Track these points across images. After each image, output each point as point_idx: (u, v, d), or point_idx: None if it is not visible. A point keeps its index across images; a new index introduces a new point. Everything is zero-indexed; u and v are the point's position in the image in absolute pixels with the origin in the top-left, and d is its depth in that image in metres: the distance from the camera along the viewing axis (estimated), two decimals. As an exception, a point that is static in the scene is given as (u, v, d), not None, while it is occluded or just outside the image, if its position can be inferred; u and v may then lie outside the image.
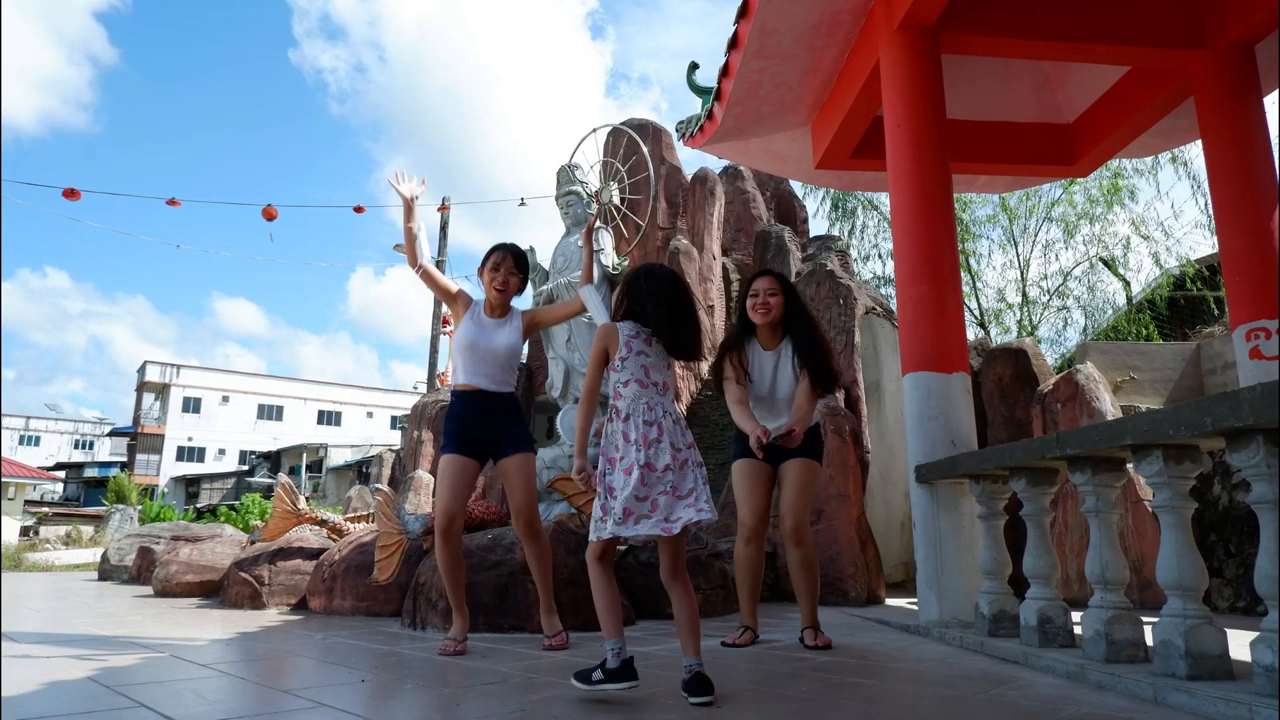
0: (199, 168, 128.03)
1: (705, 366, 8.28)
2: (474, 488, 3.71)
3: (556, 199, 8.69)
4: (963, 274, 12.58)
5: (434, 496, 9.74)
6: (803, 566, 3.55)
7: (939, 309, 4.24)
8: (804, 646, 3.45)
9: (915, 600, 4.32)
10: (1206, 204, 12.18)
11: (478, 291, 3.97)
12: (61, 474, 44.66)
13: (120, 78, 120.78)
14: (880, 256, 14.30)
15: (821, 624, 3.61)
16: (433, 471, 10.24)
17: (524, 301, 9.37)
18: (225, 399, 47.40)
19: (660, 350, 2.66)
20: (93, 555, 15.49)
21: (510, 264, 3.72)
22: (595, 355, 2.66)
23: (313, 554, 5.89)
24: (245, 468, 42.19)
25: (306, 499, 7.21)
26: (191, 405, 46.45)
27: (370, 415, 50.11)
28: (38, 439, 53.87)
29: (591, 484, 2.57)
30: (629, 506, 2.41)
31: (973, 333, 12.72)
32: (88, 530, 22.70)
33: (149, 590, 7.25)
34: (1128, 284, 13.20)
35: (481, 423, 3.64)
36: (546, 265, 8.47)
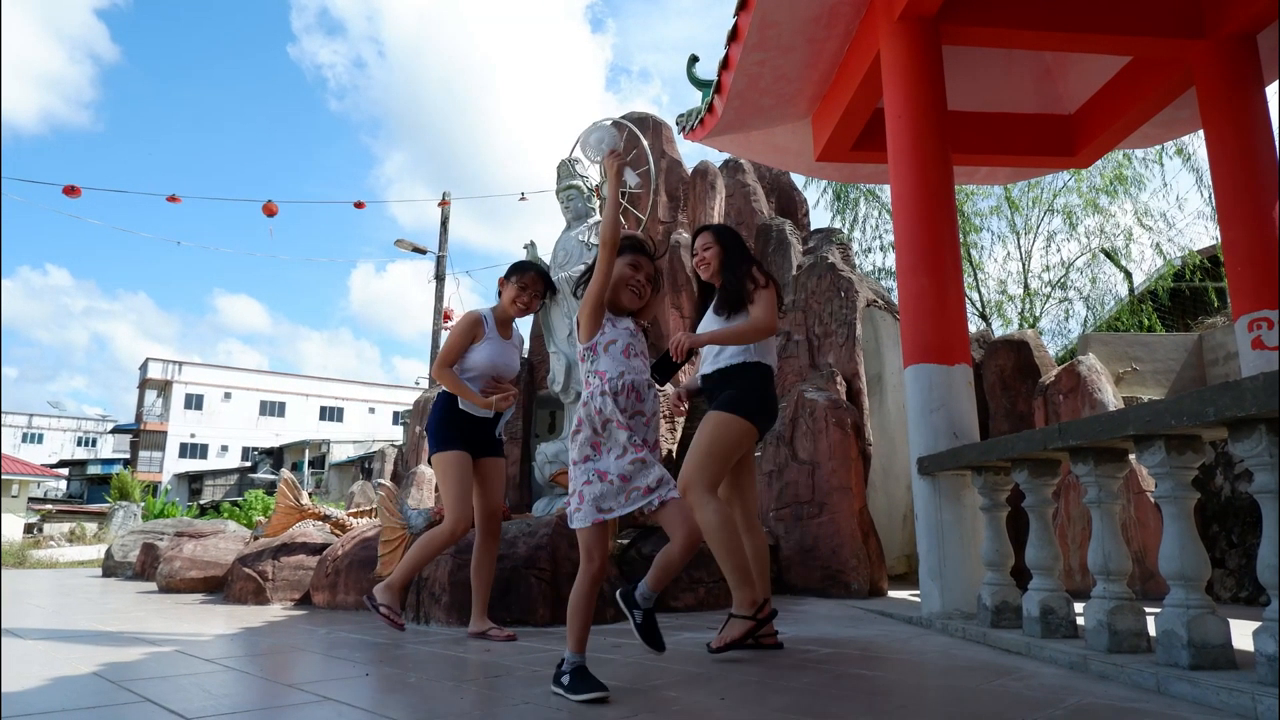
0: (199, 164, 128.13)
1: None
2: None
3: (557, 193, 8.68)
4: (964, 266, 12.54)
5: (438, 491, 9.76)
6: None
7: (940, 301, 4.23)
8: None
9: (918, 592, 4.33)
10: (1209, 194, 12.14)
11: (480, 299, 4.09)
12: (65, 471, 44.74)
13: (121, 75, 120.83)
14: (882, 248, 14.27)
15: (825, 616, 3.58)
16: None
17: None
18: (227, 395, 47.45)
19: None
20: (97, 552, 15.53)
21: (540, 289, 3.87)
22: None
23: (316, 549, 5.90)
24: (248, 464, 42.24)
25: (309, 495, 7.22)
26: (194, 402, 46.52)
27: (372, 411, 50.17)
28: (41, 437, 54.00)
29: None
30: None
31: (974, 325, 12.71)
32: (91, 527, 22.75)
33: (153, 586, 7.27)
34: (1129, 275, 13.17)
35: (479, 430, 3.82)
36: (547, 260, 8.46)
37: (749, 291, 3.26)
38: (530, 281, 3.81)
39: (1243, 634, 2.48)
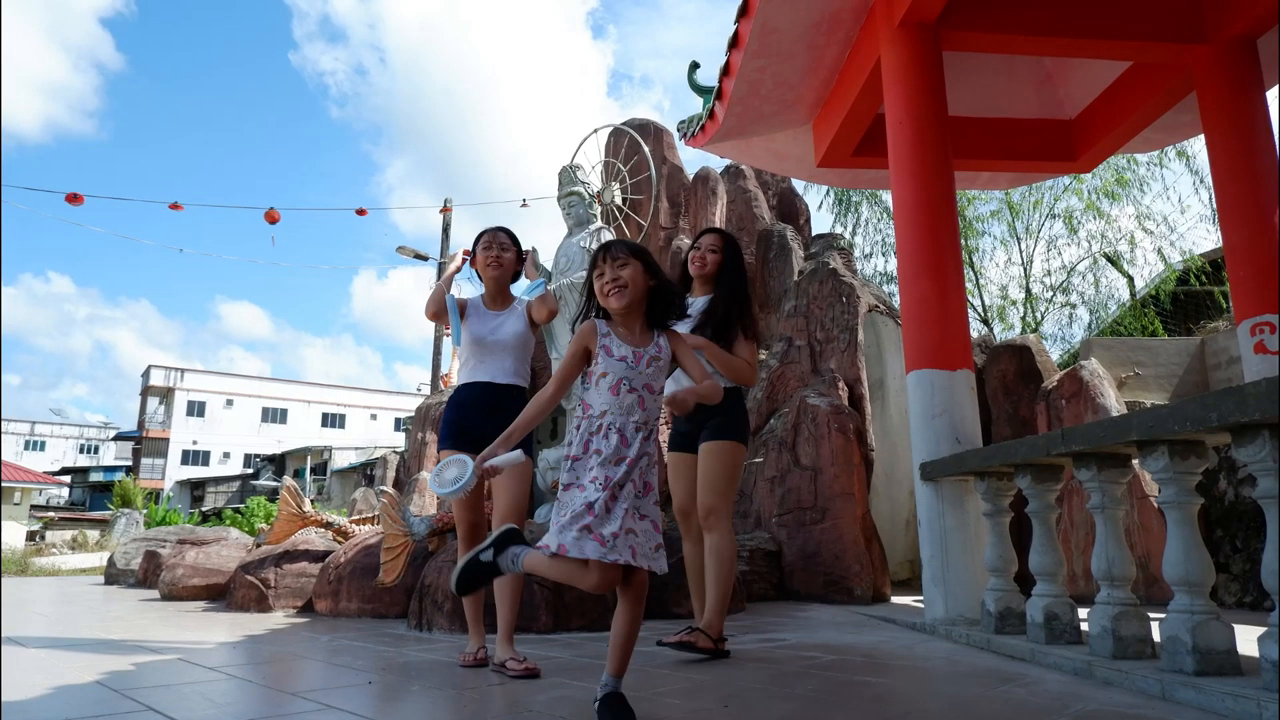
0: (201, 172, 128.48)
1: None
2: (484, 487, 3.48)
3: (558, 200, 8.70)
4: (966, 271, 12.53)
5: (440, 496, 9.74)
6: (709, 554, 3.27)
7: (942, 306, 4.23)
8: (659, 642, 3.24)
9: (921, 598, 4.32)
10: (1211, 198, 12.13)
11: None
12: (67, 479, 44.75)
13: (125, 83, 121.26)
14: (884, 253, 14.27)
15: (829, 623, 3.56)
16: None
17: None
18: (229, 402, 47.51)
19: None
20: (99, 559, 15.53)
21: (502, 239, 3.49)
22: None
23: (318, 556, 5.90)
24: (250, 471, 42.26)
25: (311, 502, 7.22)
26: (196, 409, 46.58)
27: (374, 417, 50.20)
28: (43, 444, 54.05)
29: None
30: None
31: (976, 330, 12.69)
32: (94, 534, 22.76)
33: (155, 594, 7.27)
34: (1131, 280, 13.16)
35: (488, 419, 3.27)
36: (549, 266, 8.47)
37: (736, 331, 3.38)
38: (490, 239, 3.49)
39: (1248, 639, 2.47)
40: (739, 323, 3.39)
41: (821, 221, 16.05)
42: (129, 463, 46.61)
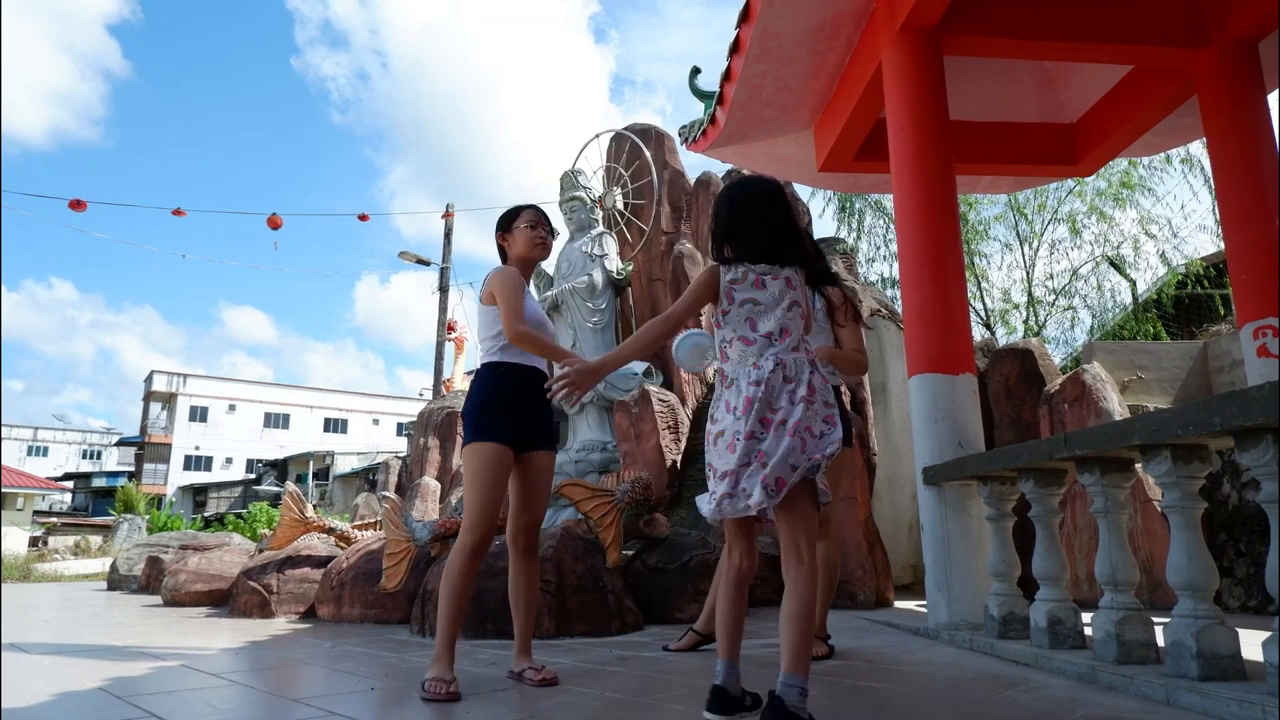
0: (204, 178, 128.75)
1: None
2: (503, 495, 3.11)
3: (560, 205, 8.71)
4: (968, 274, 12.53)
5: (443, 503, 9.74)
6: (820, 563, 3.42)
7: (944, 311, 4.23)
8: None
9: (924, 603, 4.31)
10: (1214, 202, 12.12)
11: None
12: (69, 484, 44.78)
13: (131, 90, 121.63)
14: (887, 258, 14.29)
15: (831, 627, 3.54)
16: (439, 478, 10.23)
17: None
18: (232, 407, 47.56)
19: (781, 288, 2.21)
20: (101, 565, 15.53)
21: (545, 219, 3.23)
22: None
23: (321, 562, 5.90)
24: (252, 476, 42.26)
25: (314, 507, 7.22)
26: (198, 414, 46.62)
27: (376, 422, 50.22)
28: (46, 449, 54.13)
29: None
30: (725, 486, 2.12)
31: (979, 333, 12.69)
32: (96, 540, 22.75)
33: (158, 599, 7.27)
34: (1134, 283, 13.15)
35: (534, 411, 3.01)
36: (551, 271, 8.48)
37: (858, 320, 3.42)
38: (536, 218, 3.17)
39: (1252, 644, 2.46)
40: (853, 306, 3.45)
41: (825, 228, 16.11)
42: (131, 468, 46.65)
